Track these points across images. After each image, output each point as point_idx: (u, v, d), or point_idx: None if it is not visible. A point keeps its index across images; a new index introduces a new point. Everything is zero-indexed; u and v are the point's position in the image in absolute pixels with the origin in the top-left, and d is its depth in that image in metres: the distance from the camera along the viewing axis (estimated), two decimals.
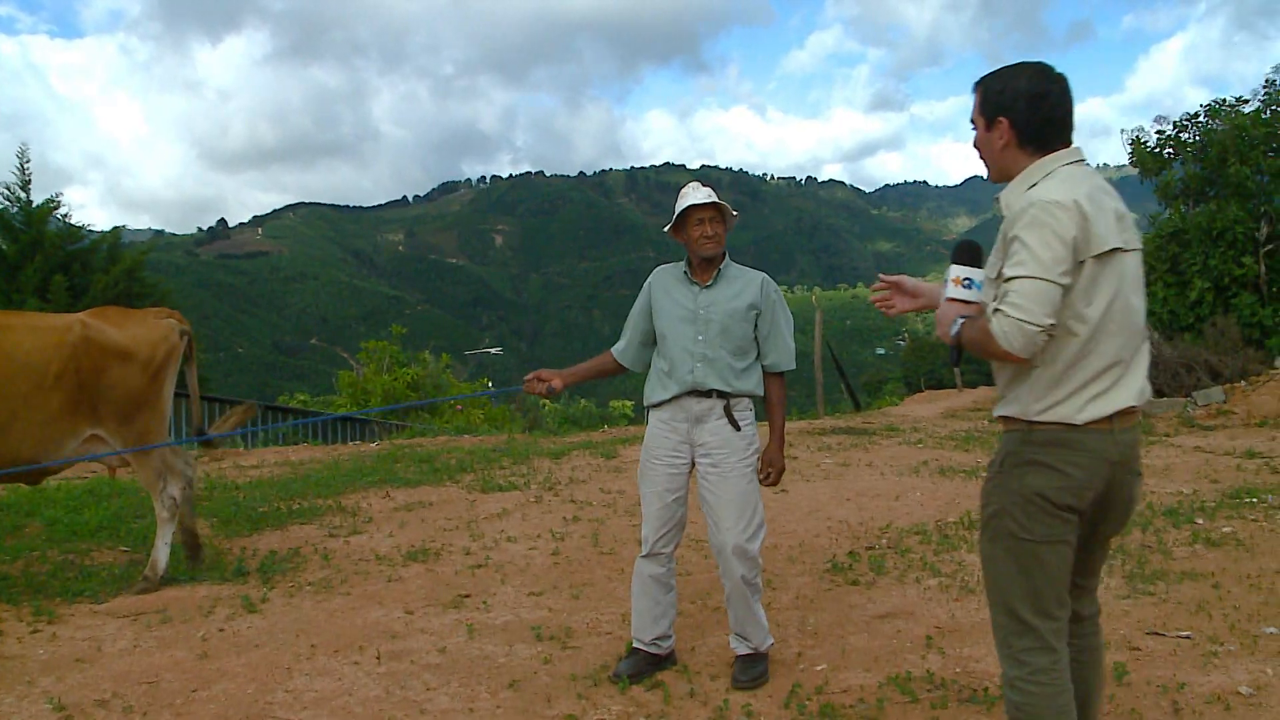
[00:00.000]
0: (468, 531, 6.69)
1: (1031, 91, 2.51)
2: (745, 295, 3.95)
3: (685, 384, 3.88)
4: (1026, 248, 2.33)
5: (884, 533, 6.39)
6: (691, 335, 3.90)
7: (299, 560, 5.95)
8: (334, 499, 7.85)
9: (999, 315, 2.32)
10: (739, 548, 3.81)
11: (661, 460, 3.95)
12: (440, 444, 11.72)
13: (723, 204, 3.94)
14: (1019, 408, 2.50)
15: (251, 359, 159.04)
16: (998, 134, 2.55)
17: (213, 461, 10.47)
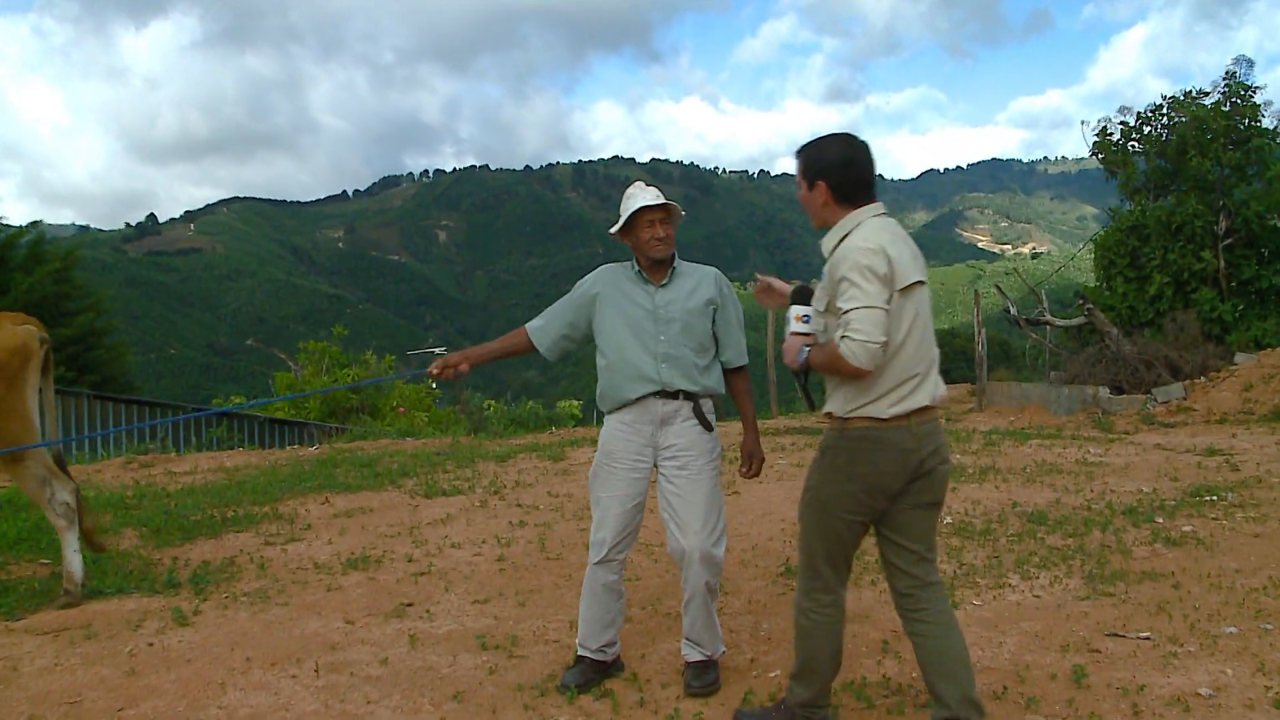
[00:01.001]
0: (410, 538, 6.63)
1: (842, 159, 3.20)
2: (701, 291, 3.96)
3: (652, 385, 3.87)
4: (855, 285, 3.00)
5: None
6: (653, 335, 3.90)
7: (234, 570, 5.86)
8: (271, 506, 7.74)
9: (846, 341, 2.98)
10: (706, 553, 3.81)
11: (624, 464, 3.92)
12: (381, 447, 11.62)
13: (671, 205, 3.94)
14: (837, 407, 3.17)
15: (184, 361, 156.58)
16: (818, 194, 3.22)
17: (142, 468, 10.30)
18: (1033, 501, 7.19)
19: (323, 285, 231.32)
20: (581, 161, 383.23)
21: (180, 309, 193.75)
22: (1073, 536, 6.11)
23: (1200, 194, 17.42)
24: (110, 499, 8.10)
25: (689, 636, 3.96)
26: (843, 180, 3.20)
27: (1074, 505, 7.05)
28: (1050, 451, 9.77)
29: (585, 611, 4.03)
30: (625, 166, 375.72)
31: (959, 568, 5.52)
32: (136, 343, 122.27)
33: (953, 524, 6.53)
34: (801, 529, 3.32)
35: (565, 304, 4.10)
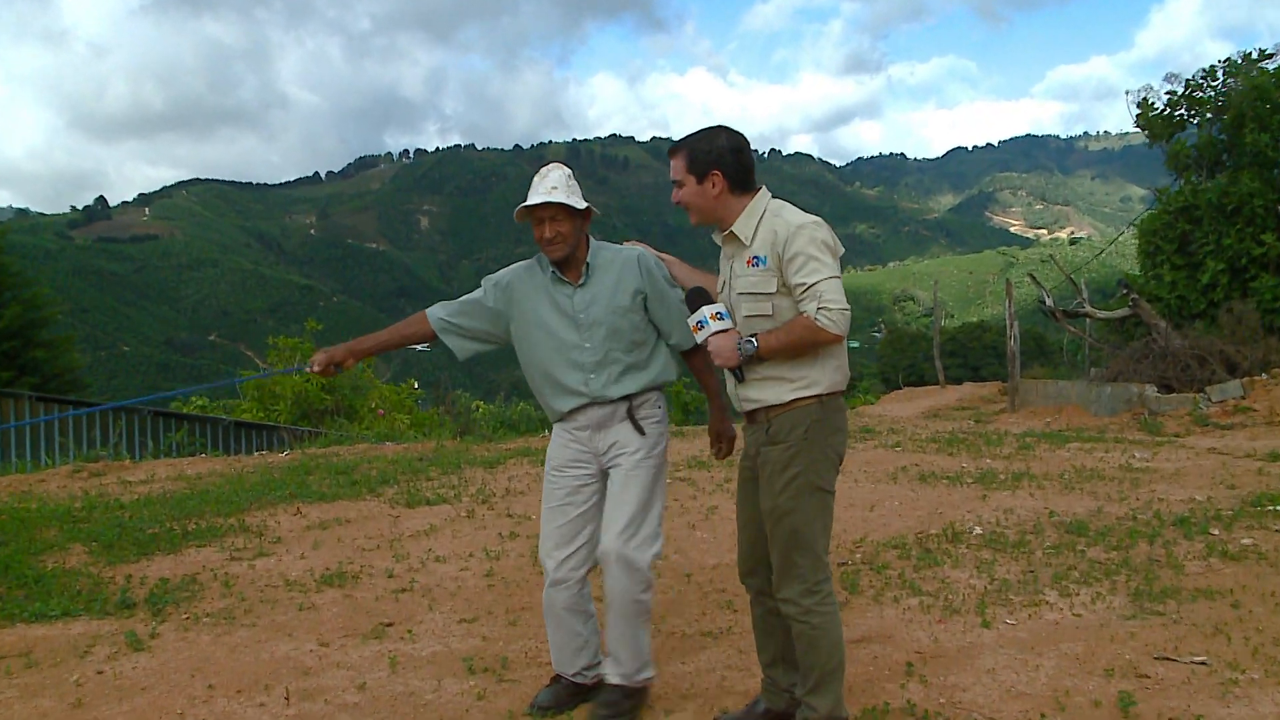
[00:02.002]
0: (390, 551, 6.62)
1: (733, 146, 3.52)
2: (626, 282, 3.90)
3: (582, 398, 3.86)
4: (814, 259, 3.35)
5: (858, 547, 6.42)
6: (576, 344, 3.86)
7: (195, 588, 5.85)
8: (237, 517, 7.74)
9: (823, 311, 3.29)
10: (621, 555, 3.75)
11: (563, 473, 3.93)
12: (359, 453, 11.62)
13: (563, 205, 3.79)
14: (819, 386, 3.45)
15: (140, 358, 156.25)
16: (710, 185, 3.51)
17: (93, 477, 10.29)
18: (1072, 511, 7.19)
19: (293, 275, 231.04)
20: (577, 140, 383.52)
21: (134, 301, 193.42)
22: (1117, 549, 6.10)
23: (1259, 170, 16.99)
24: (56, 511, 8.09)
25: (610, 650, 3.89)
26: (737, 168, 3.51)
27: (1118, 515, 7.04)
28: (1091, 456, 9.77)
29: (551, 637, 4.03)
30: (625, 145, 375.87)
31: (990, 583, 5.51)
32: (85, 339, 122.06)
33: (983, 535, 6.52)
34: (796, 521, 3.45)
35: (476, 305, 4.01)
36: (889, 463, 9.56)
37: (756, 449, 3.55)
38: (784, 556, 3.46)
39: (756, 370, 3.49)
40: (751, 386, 3.50)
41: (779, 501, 3.45)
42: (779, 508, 3.45)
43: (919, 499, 7.82)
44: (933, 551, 6.19)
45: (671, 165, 3.59)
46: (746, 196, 3.54)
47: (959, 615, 4.99)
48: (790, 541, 3.45)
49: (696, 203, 3.55)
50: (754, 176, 3.57)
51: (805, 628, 3.45)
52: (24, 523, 7.53)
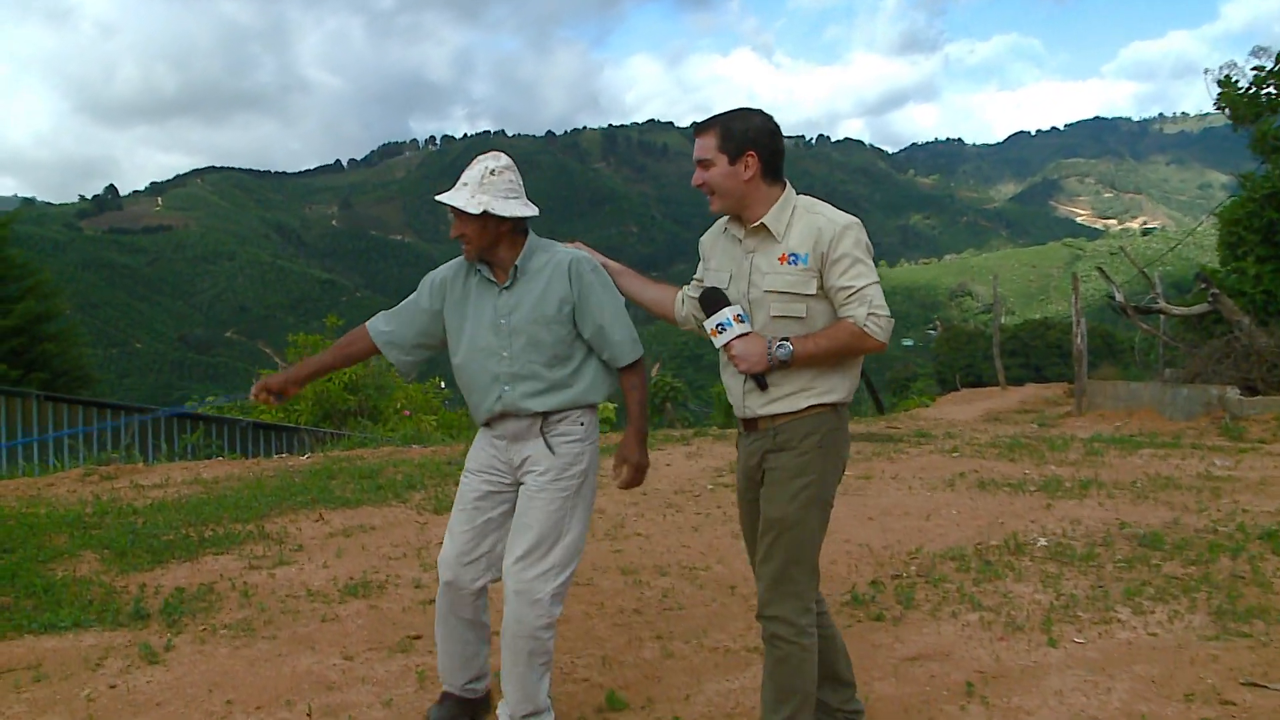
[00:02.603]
0: (418, 560, 6.66)
1: (770, 128, 3.48)
2: (553, 289, 3.79)
3: (494, 409, 3.82)
4: (861, 262, 3.35)
5: (913, 558, 6.39)
6: (495, 350, 3.81)
7: (213, 598, 5.89)
8: (256, 523, 7.80)
9: (873, 317, 3.31)
10: (518, 583, 3.69)
11: (476, 476, 3.92)
12: (384, 456, 11.69)
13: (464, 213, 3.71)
14: (836, 394, 3.46)
15: (153, 356, 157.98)
16: (743, 167, 3.45)
17: (104, 480, 10.39)
18: (1145, 521, 7.12)
19: (314, 269, 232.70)
20: (613, 126, 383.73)
21: (147, 296, 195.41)
22: (1195, 564, 6.03)
23: None
24: (66, 516, 8.15)
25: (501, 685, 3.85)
26: (772, 152, 3.47)
27: (1196, 527, 6.97)
28: (1166, 463, 9.67)
29: (439, 646, 4.03)
30: (663, 131, 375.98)
31: (1056, 598, 5.47)
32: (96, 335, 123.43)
33: (1048, 547, 6.47)
34: (801, 534, 3.44)
35: (413, 310, 3.98)
36: (946, 469, 9.51)
37: (760, 457, 3.51)
38: (781, 571, 3.44)
39: (781, 379, 3.45)
40: (773, 396, 3.47)
41: (788, 511, 3.42)
42: (786, 518, 3.42)
43: (978, 508, 7.77)
44: (993, 564, 6.15)
45: (698, 143, 3.53)
46: (776, 187, 3.50)
47: (1023, 632, 4.96)
48: (791, 555, 3.43)
49: (726, 185, 3.48)
50: (783, 169, 3.53)
51: (794, 649, 3.41)
52: (32, 529, 7.60)
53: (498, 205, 3.67)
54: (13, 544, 7.09)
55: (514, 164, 3.83)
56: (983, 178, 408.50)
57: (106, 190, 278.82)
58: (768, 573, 3.45)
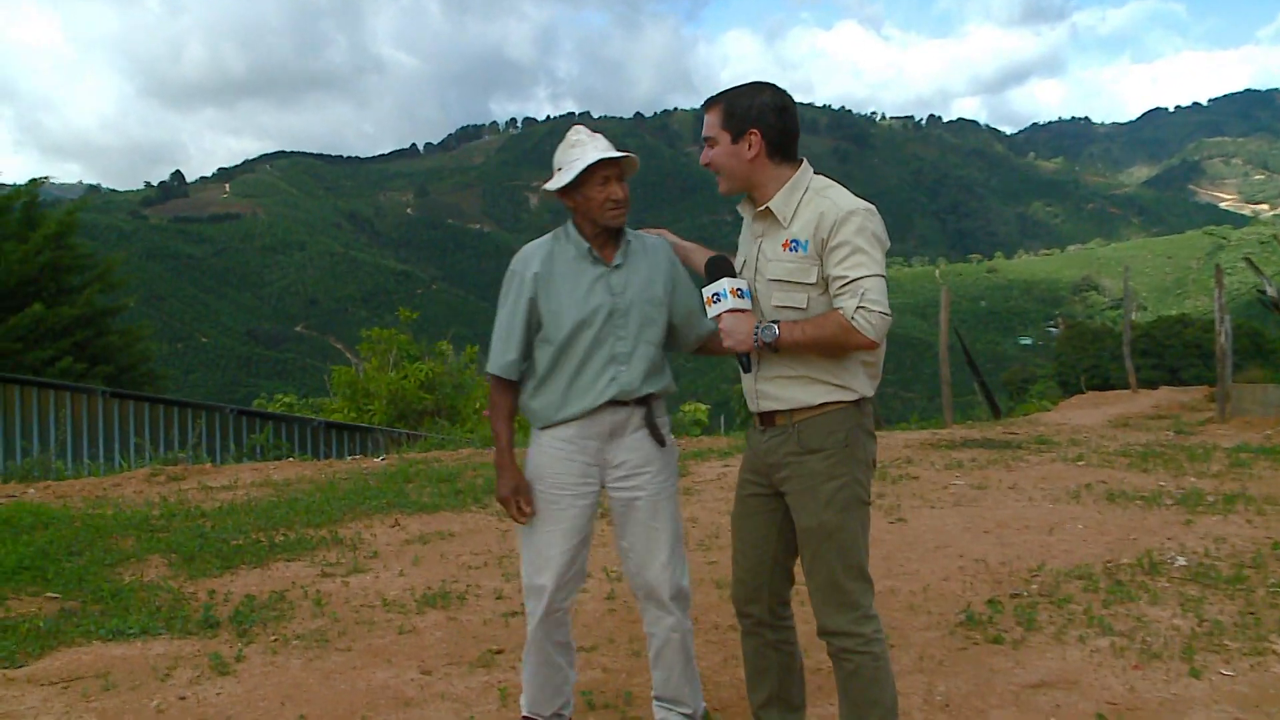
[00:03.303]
0: (499, 569, 6.73)
1: (777, 105, 3.49)
2: (658, 271, 3.96)
3: (606, 394, 3.83)
4: (863, 251, 3.33)
5: (1035, 576, 6.29)
6: (610, 331, 3.86)
7: (284, 607, 6.00)
8: (329, 528, 7.94)
9: (863, 311, 3.27)
10: (680, 590, 3.91)
11: (567, 491, 3.89)
12: (463, 458, 11.80)
13: (631, 157, 3.89)
14: (855, 391, 3.49)
15: (220, 351, 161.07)
16: (746, 146, 3.48)
17: (171, 481, 10.61)
18: None
19: (388, 259, 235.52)
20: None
21: (213, 288, 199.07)
22: None
23: None
24: (133, 519, 8.38)
25: (662, 696, 4.01)
26: (779, 130, 3.49)
27: None
28: None
29: (532, 676, 4.05)
30: None
31: (1198, 624, 5.35)
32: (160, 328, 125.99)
33: (1188, 567, 6.34)
34: (844, 539, 3.48)
35: (512, 319, 3.99)
36: (1070, 479, 9.36)
37: (780, 459, 3.54)
38: (830, 581, 3.48)
39: (773, 365, 3.51)
40: (778, 384, 3.51)
41: (825, 518, 3.45)
42: (825, 525, 3.45)
43: (1107, 522, 7.64)
44: (1125, 584, 6.04)
45: (705, 120, 3.59)
46: (787, 168, 3.53)
47: (1160, 661, 4.85)
48: (839, 562, 3.46)
49: (728, 165, 3.54)
50: (796, 146, 3.56)
51: (866, 659, 3.44)
52: (99, 531, 7.81)
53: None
54: (79, 546, 7.30)
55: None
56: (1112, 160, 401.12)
57: (173, 177, 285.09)
58: (818, 586, 3.50)
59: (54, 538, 7.57)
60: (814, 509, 3.45)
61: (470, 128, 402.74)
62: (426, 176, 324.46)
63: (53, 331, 23.97)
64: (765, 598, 3.69)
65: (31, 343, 23.48)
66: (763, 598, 3.69)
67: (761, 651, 3.76)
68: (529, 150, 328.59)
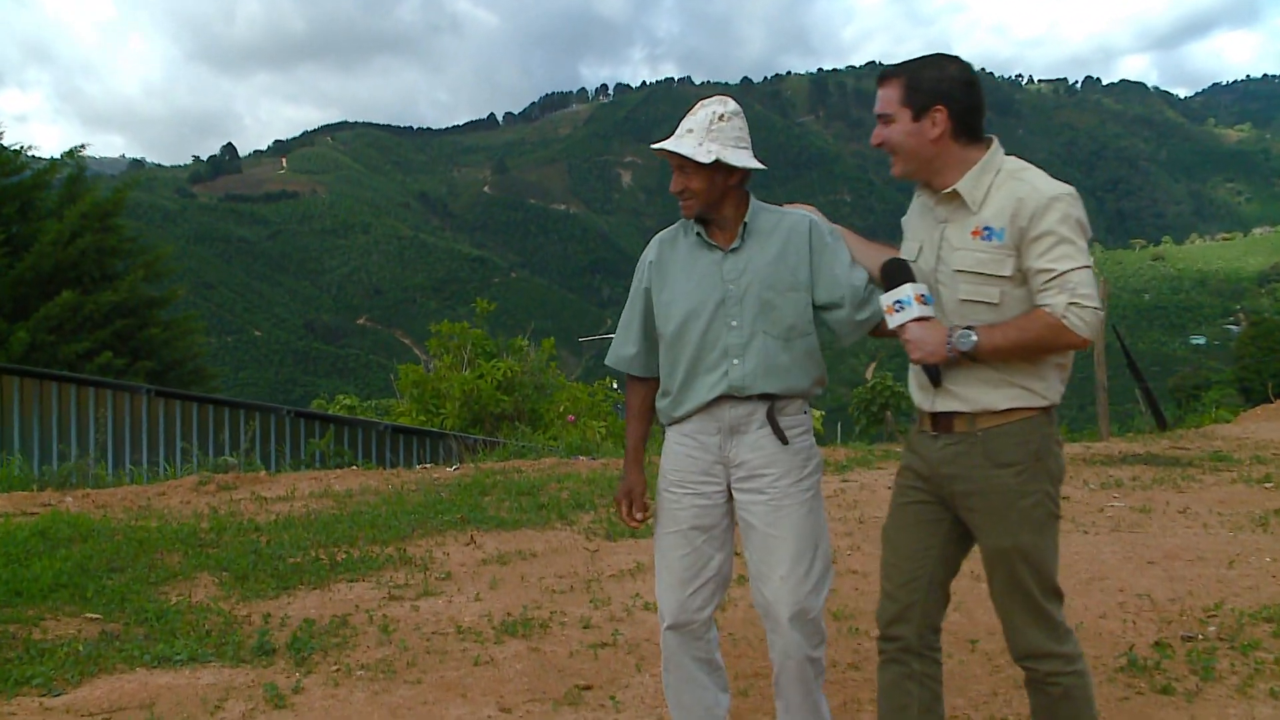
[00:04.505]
0: (587, 594, 6.75)
1: (965, 79, 3.56)
2: (791, 253, 3.97)
3: (717, 388, 3.90)
4: (1068, 241, 3.38)
5: (1211, 616, 6.17)
6: (722, 320, 3.93)
7: (347, 633, 6.08)
8: (396, 546, 8.01)
9: (1075, 307, 3.33)
10: (799, 608, 3.88)
11: (687, 489, 3.98)
12: (546, 469, 11.86)
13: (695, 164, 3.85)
14: (1047, 397, 3.55)
15: (275, 345, 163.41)
16: (930, 124, 3.53)
17: (222, 491, 10.78)
18: None
19: (462, 244, 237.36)
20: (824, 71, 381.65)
21: (269, 275, 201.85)
22: None
23: None
24: (180, 532, 8.52)
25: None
26: (966, 107, 3.56)
27: None
28: None
29: (674, 698, 4.10)
30: None
31: None
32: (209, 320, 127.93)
33: None
34: (1039, 559, 3.55)
35: (632, 307, 4.15)
36: (1255, 503, 9.17)
37: (961, 470, 3.57)
38: (1031, 605, 3.55)
39: (962, 375, 3.55)
40: (960, 382, 3.55)
41: (1020, 539, 3.51)
42: (1021, 546, 3.51)
43: None
44: None
45: (880, 96, 3.64)
46: (973, 149, 3.58)
47: None
48: (1036, 582, 3.54)
49: (908, 145, 3.59)
50: (983, 124, 3.61)
51: (1074, 679, 3.54)
52: (143, 545, 7.95)
53: (729, 155, 3.85)
54: (121, 562, 7.44)
55: (741, 110, 3.96)
56: None
57: (224, 150, 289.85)
58: (1015, 609, 3.56)
59: (93, 552, 7.72)
60: (1007, 529, 3.51)
61: (555, 95, 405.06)
62: (506, 150, 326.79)
63: (90, 322, 24.36)
64: (916, 619, 3.69)
65: (67, 334, 23.88)
66: (913, 619, 3.69)
67: (902, 685, 3.73)
68: (621, 121, 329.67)
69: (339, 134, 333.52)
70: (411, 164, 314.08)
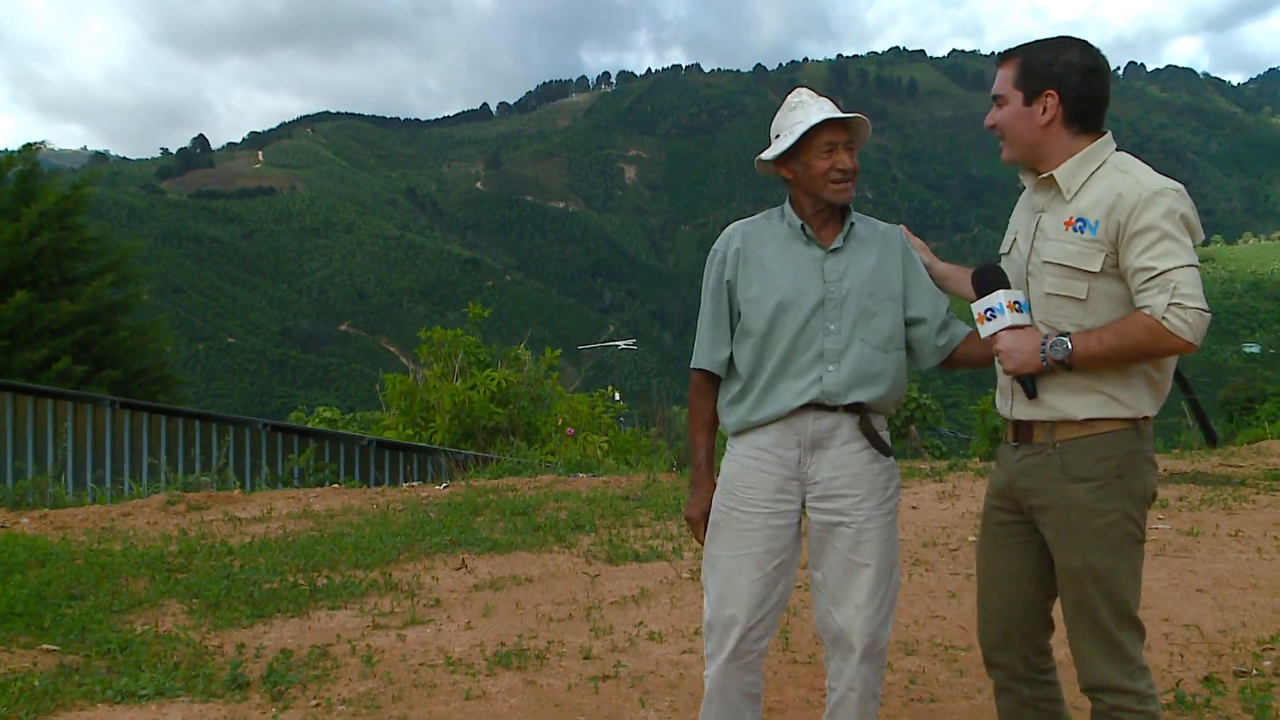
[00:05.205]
0: (587, 623, 6.74)
1: (1085, 66, 3.58)
2: (889, 262, 4.06)
3: (808, 394, 3.91)
4: (1171, 238, 3.38)
5: (1267, 650, 6.16)
6: (819, 323, 3.96)
7: (327, 665, 6.07)
8: (381, 570, 8.02)
9: (1176, 309, 3.31)
10: (872, 638, 3.93)
11: (760, 508, 3.97)
12: (543, 487, 11.87)
13: (862, 119, 3.96)
14: (1135, 408, 3.56)
15: (250, 353, 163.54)
16: (1041, 110, 3.60)
17: (192, 510, 10.78)
18: None
19: (452, 244, 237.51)
20: (844, 57, 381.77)
21: (243, 278, 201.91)
22: None
23: None
24: (146, 556, 8.52)
25: None
26: (1082, 95, 3.60)
27: None
28: None
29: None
30: (912, 63, 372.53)
31: None
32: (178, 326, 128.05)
33: None
34: (1114, 584, 3.57)
35: (715, 306, 4.14)
36: None
37: (1035, 484, 3.63)
38: (1101, 632, 3.57)
39: (1056, 384, 3.58)
40: (1041, 385, 3.60)
41: (1091, 560, 3.54)
42: (1093, 567, 3.54)
43: None
44: None
45: (998, 76, 3.70)
46: (1084, 139, 3.62)
47: None
48: (1108, 609, 3.56)
49: (1016, 130, 3.66)
50: (1103, 117, 3.64)
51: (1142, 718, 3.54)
52: (106, 570, 7.95)
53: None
54: (82, 589, 7.43)
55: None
56: None
57: (194, 142, 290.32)
58: (1083, 635, 3.58)
59: (52, 577, 7.71)
60: (1078, 547, 3.54)
61: (554, 84, 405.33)
62: (500, 143, 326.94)
63: (49, 328, 24.31)
64: (1018, 644, 3.76)
65: (23, 341, 23.80)
66: (1015, 644, 3.77)
67: (1017, 712, 3.81)
68: (625, 111, 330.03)
69: (319, 125, 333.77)
70: (398, 158, 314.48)
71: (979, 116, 3.88)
